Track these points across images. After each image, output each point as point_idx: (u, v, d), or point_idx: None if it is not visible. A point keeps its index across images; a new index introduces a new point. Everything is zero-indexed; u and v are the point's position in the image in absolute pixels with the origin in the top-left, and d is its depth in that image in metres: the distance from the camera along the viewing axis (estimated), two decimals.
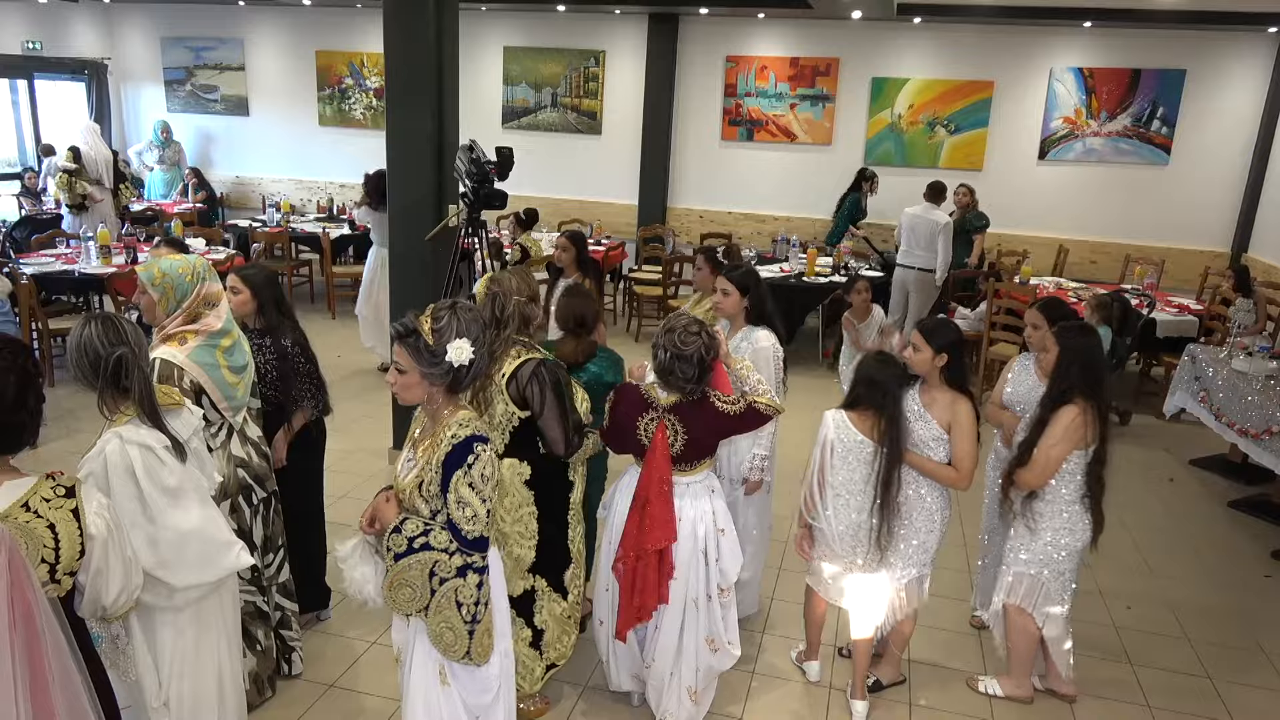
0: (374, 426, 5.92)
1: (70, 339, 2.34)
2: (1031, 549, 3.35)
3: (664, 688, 3.15)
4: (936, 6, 9.14)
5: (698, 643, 3.11)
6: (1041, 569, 3.34)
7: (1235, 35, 9.11)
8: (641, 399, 3.05)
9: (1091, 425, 3.20)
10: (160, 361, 2.84)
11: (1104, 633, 4.09)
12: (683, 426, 2.99)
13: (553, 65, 11.06)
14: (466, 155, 4.68)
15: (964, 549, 4.77)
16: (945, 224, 7.63)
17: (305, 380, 3.48)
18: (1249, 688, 3.75)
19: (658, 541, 2.95)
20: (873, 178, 9.24)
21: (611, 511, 3.20)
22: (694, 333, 2.94)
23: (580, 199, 11.21)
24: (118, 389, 2.33)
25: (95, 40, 12.37)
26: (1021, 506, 3.35)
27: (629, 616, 3.05)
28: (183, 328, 2.93)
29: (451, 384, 2.38)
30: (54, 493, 1.90)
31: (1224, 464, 6.10)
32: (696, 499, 3.07)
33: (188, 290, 2.92)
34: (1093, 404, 3.19)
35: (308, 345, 3.54)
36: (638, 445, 3.06)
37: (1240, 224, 9.45)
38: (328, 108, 12.02)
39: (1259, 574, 4.75)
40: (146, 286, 2.90)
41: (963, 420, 3.21)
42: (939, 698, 3.57)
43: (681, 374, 2.94)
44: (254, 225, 9.56)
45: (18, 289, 6.33)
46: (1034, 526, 3.33)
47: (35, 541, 1.83)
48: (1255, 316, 6.93)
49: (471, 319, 2.39)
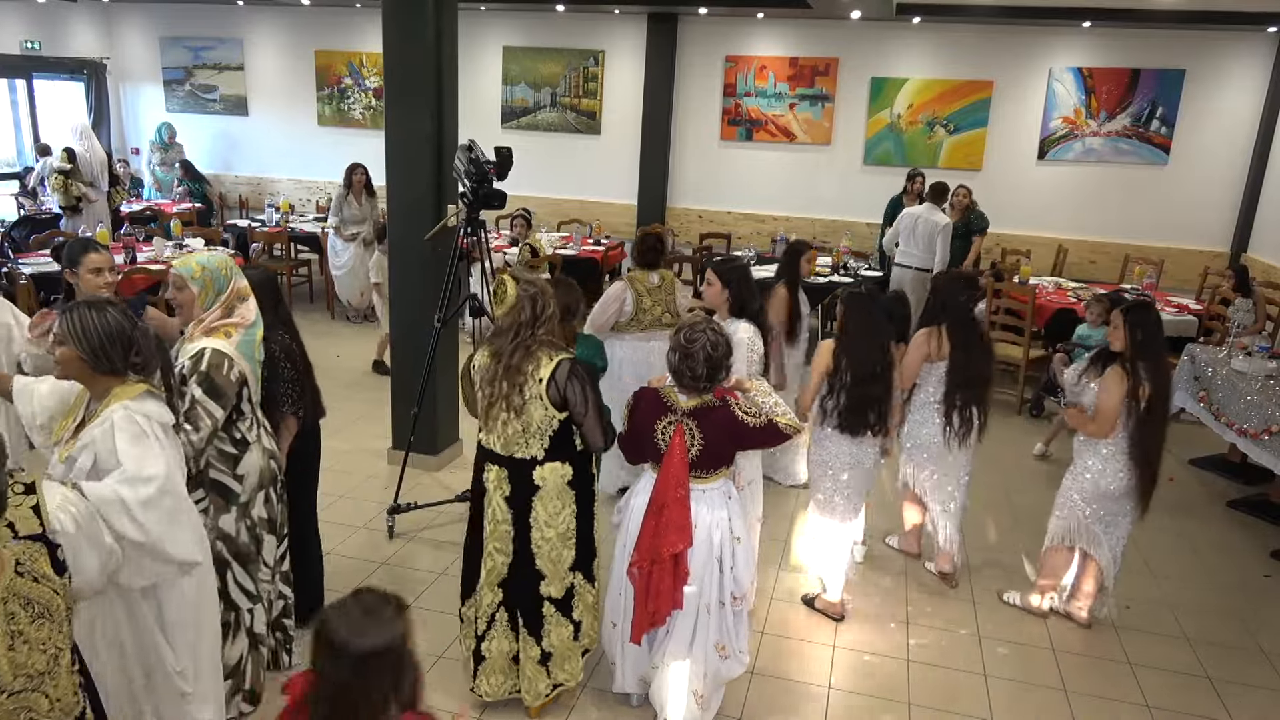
0: (372, 427, 5.91)
1: (91, 322, 2.33)
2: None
3: (669, 690, 3.15)
4: (936, 6, 9.14)
5: (707, 648, 3.11)
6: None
7: (1235, 35, 9.11)
8: (660, 402, 3.05)
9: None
10: (212, 352, 2.87)
11: (1103, 633, 4.09)
12: (700, 432, 2.99)
13: (552, 65, 11.06)
14: (465, 155, 4.68)
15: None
16: (945, 225, 7.64)
17: (287, 385, 3.37)
18: (1249, 688, 3.75)
19: (674, 546, 2.94)
20: (915, 176, 8.65)
21: (626, 516, 3.20)
22: (700, 330, 2.97)
23: (580, 199, 11.21)
24: (129, 366, 2.41)
25: (94, 40, 12.37)
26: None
27: (643, 620, 3.04)
28: (222, 321, 2.97)
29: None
30: (15, 488, 1.88)
31: (1223, 464, 6.10)
32: (713, 506, 3.07)
33: (224, 283, 2.99)
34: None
35: (298, 351, 3.46)
36: (655, 450, 3.06)
37: (1239, 224, 9.46)
38: (327, 108, 12.02)
39: (1258, 574, 4.75)
40: (186, 281, 2.94)
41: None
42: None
43: (690, 371, 2.95)
44: (253, 225, 9.55)
45: (16, 289, 6.32)
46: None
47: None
48: (1254, 316, 6.93)
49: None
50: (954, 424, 4.12)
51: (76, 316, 2.34)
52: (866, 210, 9.96)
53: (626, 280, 4.92)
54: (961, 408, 4.11)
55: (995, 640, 3.97)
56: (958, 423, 4.12)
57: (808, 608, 4.13)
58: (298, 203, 11.82)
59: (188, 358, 2.88)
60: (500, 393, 2.99)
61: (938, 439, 4.18)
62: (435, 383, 5.11)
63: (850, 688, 3.60)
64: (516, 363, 2.97)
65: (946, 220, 7.70)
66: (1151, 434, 3.75)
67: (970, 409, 4.13)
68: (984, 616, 4.15)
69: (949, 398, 4.12)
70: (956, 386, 4.11)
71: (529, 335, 2.98)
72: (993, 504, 5.38)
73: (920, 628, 4.04)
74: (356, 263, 8.15)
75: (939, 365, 4.15)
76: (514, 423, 3.00)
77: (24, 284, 6.44)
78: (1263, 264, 8.80)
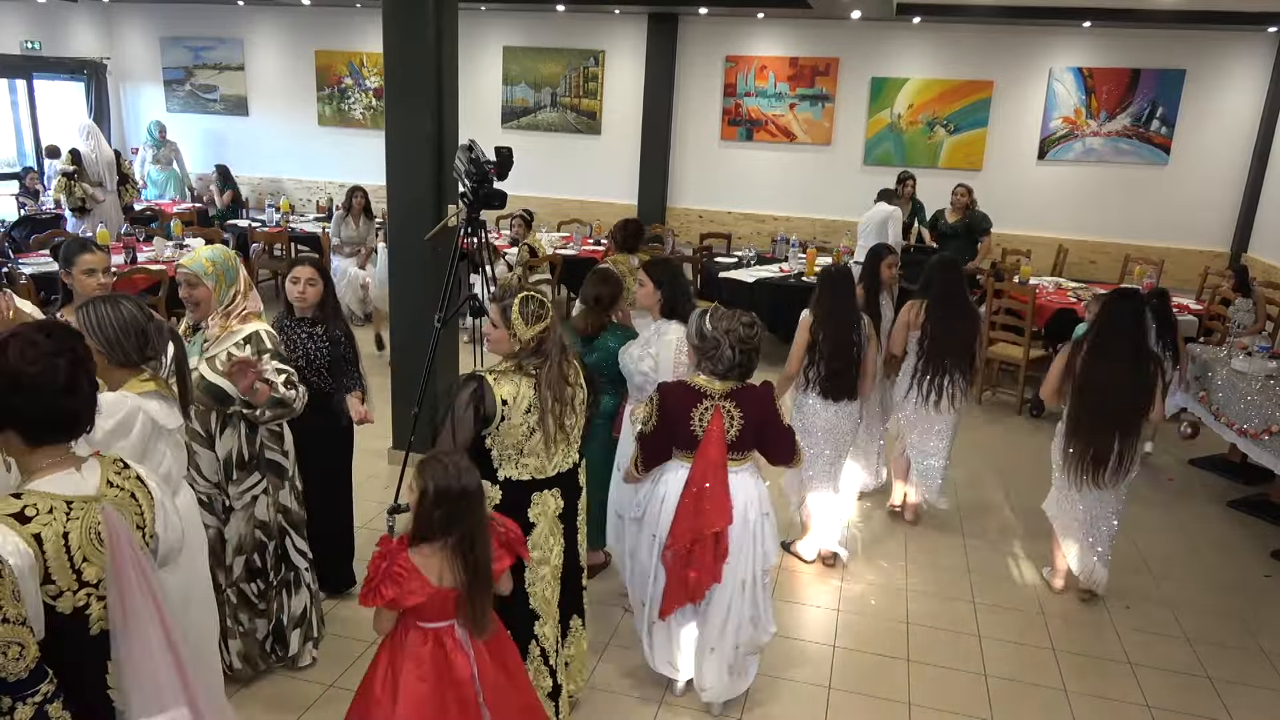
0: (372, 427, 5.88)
1: (107, 317, 2.41)
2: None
3: (704, 663, 3.28)
4: (936, 6, 9.14)
5: (741, 621, 3.24)
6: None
7: (1235, 35, 9.11)
8: (691, 390, 3.15)
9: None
10: (266, 333, 3.07)
11: (1103, 632, 4.09)
12: (739, 411, 3.12)
13: (552, 65, 11.06)
14: (466, 155, 4.67)
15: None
16: (892, 211, 7.81)
17: (351, 366, 3.76)
18: (1249, 688, 3.75)
19: (715, 524, 3.07)
20: (905, 179, 8.62)
21: (653, 505, 3.24)
22: (732, 317, 3.11)
23: (580, 199, 11.21)
24: (144, 359, 2.48)
25: (94, 40, 12.37)
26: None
27: (677, 596, 3.17)
28: (249, 309, 3.10)
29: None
30: (118, 466, 1.98)
31: (1223, 464, 6.10)
32: (745, 486, 3.20)
33: (234, 274, 3.10)
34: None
35: (351, 336, 3.80)
36: (690, 437, 3.14)
37: (1240, 224, 9.46)
38: (327, 108, 12.02)
39: (1258, 574, 4.75)
40: (200, 278, 3.02)
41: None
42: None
43: (729, 358, 3.07)
44: (253, 225, 9.55)
45: (16, 289, 6.32)
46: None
47: (128, 511, 1.92)
48: (1255, 316, 6.93)
49: None
50: (922, 389, 4.67)
51: (93, 311, 2.43)
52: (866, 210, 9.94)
53: (610, 264, 5.06)
54: (933, 375, 4.64)
55: (995, 640, 3.97)
56: (926, 388, 4.66)
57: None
58: (298, 203, 11.82)
59: (233, 344, 3.02)
60: (557, 420, 2.81)
61: (910, 399, 4.74)
62: (435, 383, 5.11)
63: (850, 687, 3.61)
64: (572, 384, 2.87)
65: (892, 209, 7.86)
66: (1083, 408, 4.07)
67: (942, 376, 4.64)
68: (984, 616, 4.16)
69: (921, 364, 4.67)
70: (927, 355, 4.65)
71: (561, 354, 2.84)
72: (993, 504, 5.39)
73: (920, 627, 4.04)
74: (354, 278, 8.39)
75: (915, 334, 4.70)
76: (564, 441, 2.91)
77: (24, 284, 6.44)
78: (1263, 264, 8.80)
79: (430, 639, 2.42)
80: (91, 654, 1.84)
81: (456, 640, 2.43)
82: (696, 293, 8.84)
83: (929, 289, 4.72)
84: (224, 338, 3.05)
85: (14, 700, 1.68)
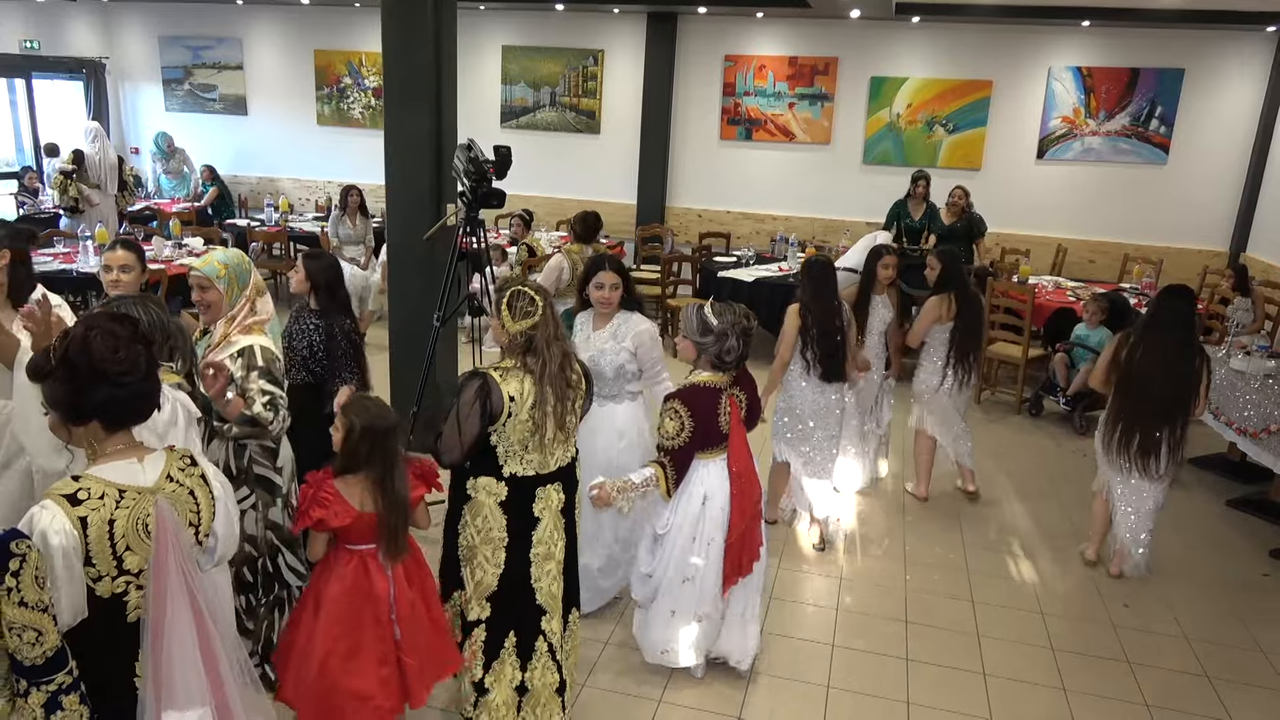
0: None
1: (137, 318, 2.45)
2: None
3: (739, 635, 3.50)
4: (935, 6, 9.13)
5: (759, 578, 3.55)
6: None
7: (1234, 34, 9.11)
8: (709, 390, 3.26)
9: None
10: (262, 349, 3.00)
11: (1102, 632, 4.09)
12: (745, 394, 3.39)
13: (551, 64, 11.05)
14: (465, 154, 4.67)
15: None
16: (877, 234, 7.72)
17: (349, 362, 3.74)
18: (1248, 687, 3.75)
19: (758, 497, 3.42)
20: (919, 179, 8.25)
21: (682, 513, 3.29)
22: (730, 310, 3.24)
23: (579, 198, 11.19)
24: (169, 356, 2.60)
25: (93, 39, 12.36)
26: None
27: (734, 573, 3.36)
28: (254, 319, 3.06)
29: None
30: (184, 462, 2.03)
31: (1223, 463, 6.10)
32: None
33: (247, 278, 3.09)
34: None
35: (355, 332, 3.81)
36: (719, 434, 3.27)
37: (1239, 223, 9.45)
38: (326, 107, 12.01)
39: (1257, 573, 4.75)
40: (213, 281, 3.00)
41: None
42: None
43: (735, 350, 3.22)
44: (252, 224, 9.55)
45: None
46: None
47: (183, 507, 1.98)
48: (1254, 316, 6.93)
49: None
50: (958, 375, 5.01)
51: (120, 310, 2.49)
52: (866, 210, 9.97)
53: (564, 253, 5.72)
54: (966, 360, 5.00)
55: (995, 639, 3.98)
56: (961, 372, 5.01)
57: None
58: (297, 202, 11.81)
59: (227, 355, 2.95)
60: (559, 417, 2.82)
61: (944, 386, 5.04)
62: (434, 382, 5.11)
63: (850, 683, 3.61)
64: (574, 385, 2.87)
65: (882, 233, 7.71)
66: (1129, 398, 4.28)
67: (969, 360, 5.03)
68: (984, 616, 4.16)
69: (959, 351, 4.98)
70: (963, 342, 4.98)
71: (562, 355, 2.84)
72: (993, 503, 5.39)
73: (919, 627, 4.04)
74: (354, 278, 8.38)
75: (945, 326, 4.99)
76: (564, 439, 2.91)
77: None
78: (1262, 263, 8.80)
79: (355, 558, 2.70)
80: (124, 640, 1.90)
81: (379, 563, 2.71)
82: (694, 292, 8.84)
83: (951, 283, 4.99)
84: (222, 347, 3.00)
85: (29, 684, 1.73)
